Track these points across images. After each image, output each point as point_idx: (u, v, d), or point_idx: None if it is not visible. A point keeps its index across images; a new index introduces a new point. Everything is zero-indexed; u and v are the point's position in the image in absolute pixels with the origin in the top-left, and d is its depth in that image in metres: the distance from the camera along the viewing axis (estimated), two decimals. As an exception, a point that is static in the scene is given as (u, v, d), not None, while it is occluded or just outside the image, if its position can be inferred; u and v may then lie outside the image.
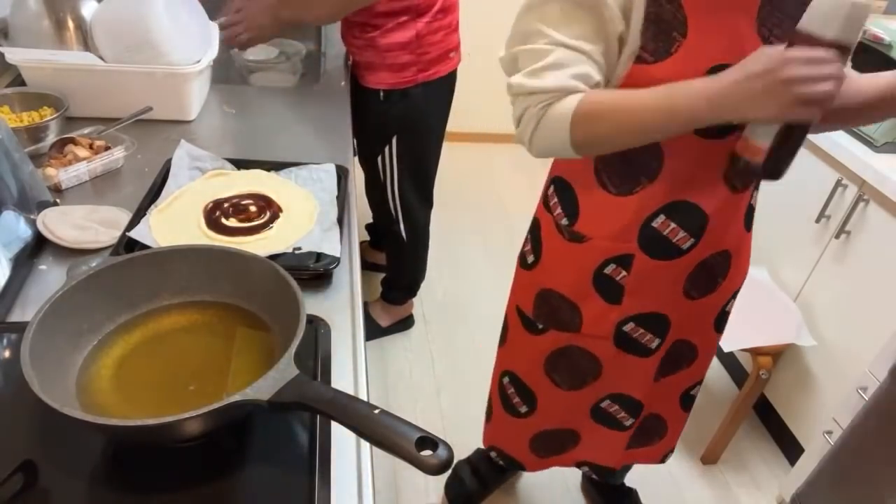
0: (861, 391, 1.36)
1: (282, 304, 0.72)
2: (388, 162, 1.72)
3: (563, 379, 1.19)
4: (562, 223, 1.05)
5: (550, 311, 1.12)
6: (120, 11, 1.24)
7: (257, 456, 0.67)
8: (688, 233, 0.99)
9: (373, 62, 1.57)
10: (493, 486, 1.69)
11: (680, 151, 0.91)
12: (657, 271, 1.02)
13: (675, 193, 0.95)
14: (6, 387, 0.73)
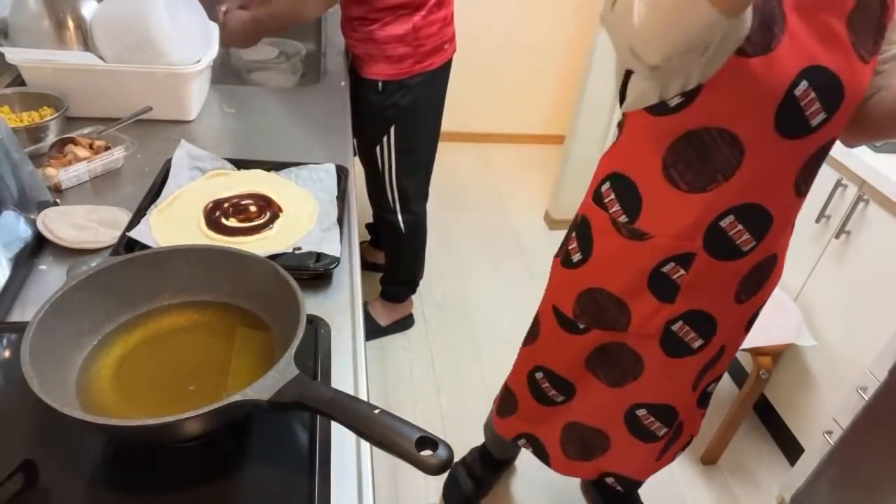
0: (861, 391, 1.36)
1: (282, 304, 0.72)
2: (386, 152, 1.76)
3: (604, 374, 1.17)
4: (620, 220, 1.02)
5: (596, 311, 1.10)
6: (120, 11, 1.24)
7: (257, 456, 0.67)
8: (752, 235, 0.97)
9: (371, 54, 1.61)
10: (490, 485, 1.69)
11: (761, 150, 0.89)
12: (715, 271, 1.00)
13: (747, 194, 0.93)
14: (6, 387, 0.73)
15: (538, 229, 2.79)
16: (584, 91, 2.48)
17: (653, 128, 0.94)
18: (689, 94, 0.87)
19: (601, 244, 1.07)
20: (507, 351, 2.10)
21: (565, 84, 3.23)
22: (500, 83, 3.20)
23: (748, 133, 0.88)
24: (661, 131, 0.93)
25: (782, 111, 0.85)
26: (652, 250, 1.01)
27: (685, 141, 0.91)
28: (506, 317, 2.29)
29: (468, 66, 1.75)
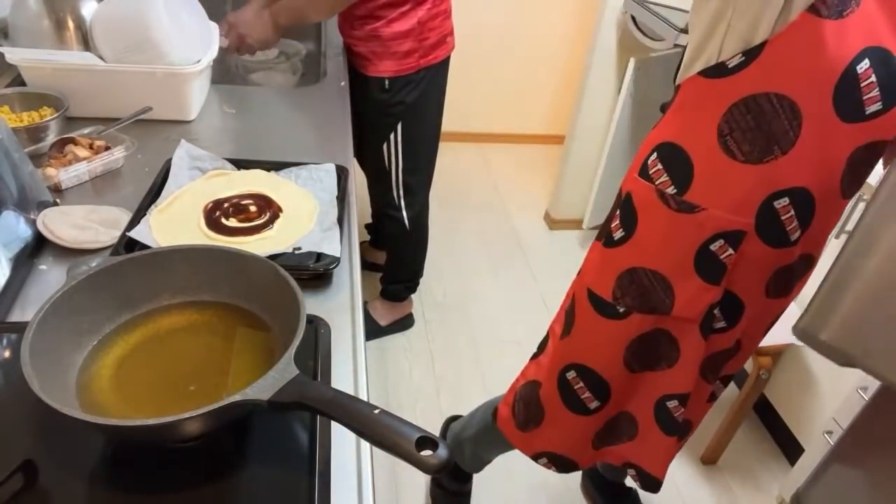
0: (861, 391, 1.36)
1: (282, 304, 0.72)
2: (393, 148, 1.76)
3: (639, 364, 1.10)
4: (668, 192, 0.96)
5: (639, 292, 1.02)
6: (120, 11, 1.24)
7: (257, 456, 0.67)
8: (799, 223, 0.92)
9: (376, 52, 1.60)
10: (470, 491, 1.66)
11: (818, 127, 0.84)
12: (759, 256, 0.96)
13: (802, 176, 0.88)
14: (6, 387, 0.73)
15: (538, 229, 2.79)
16: (584, 91, 2.48)
17: (709, 92, 0.89)
18: (751, 53, 0.83)
19: (646, 219, 0.99)
20: (507, 351, 2.11)
21: (565, 84, 3.23)
22: (500, 83, 3.20)
23: (808, 104, 0.83)
24: (719, 95, 0.88)
25: (841, 86, 0.80)
26: (701, 224, 0.94)
27: (743, 107, 0.86)
28: (506, 317, 2.29)
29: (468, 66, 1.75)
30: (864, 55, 0.79)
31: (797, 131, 0.85)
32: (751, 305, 1.04)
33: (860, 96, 0.81)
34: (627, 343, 1.07)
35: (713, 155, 0.91)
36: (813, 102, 0.83)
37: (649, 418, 1.16)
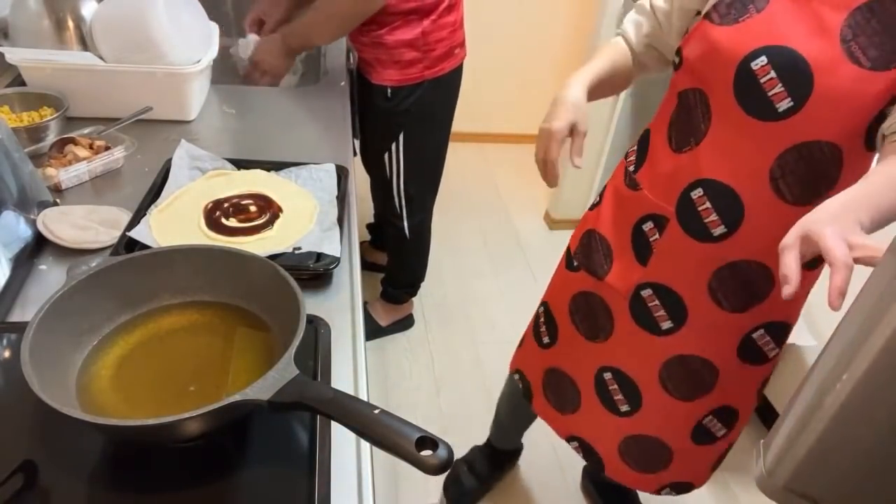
0: (861, 391, 1.36)
1: (282, 304, 0.72)
2: (394, 158, 1.74)
3: (582, 325, 1.20)
4: (629, 169, 1.08)
5: (588, 252, 1.15)
6: (120, 11, 1.24)
7: (257, 456, 0.67)
8: (720, 217, 0.94)
9: (380, 59, 1.58)
10: (491, 482, 1.70)
11: (726, 121, 0.90)
12: (684, 247, 0.99)
13: (715, 168, 0.92)
14: (6, 387, 0.73)
15: (538, 229, 2.79)
16: (584, 91, 2.48)
17: (670, 85, 1.01)
18: (678, 54, 0.95)
19: (609, 189, 1.14)
20: (507, 351, 2.10)
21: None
22: (500, 83, 3.20)
23: (715, 99, 0.90)
24: (672, 89, 1.00)
25: (739, 82, 0.87)
26: (639, 203, 1.04)
27: (678, 99, 0.97)
28: (506, 317, 2.28)
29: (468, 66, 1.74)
30: (760, 53, 0.84)
31: (708, 124, 0.92)
32: (695, 306, 1.03)
33: (763, 93, 0.85)
34: (573, 294, 1.20)
35: (660, 142, 1.02)
36: (719, 97, 0.90)
37: (590, 390, 1.23)
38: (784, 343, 1.08)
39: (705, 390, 1.11)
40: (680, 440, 1.18)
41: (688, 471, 1.25)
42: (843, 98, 0.82)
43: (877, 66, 0.80)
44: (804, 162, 0.88)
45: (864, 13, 0.80)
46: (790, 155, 0.88)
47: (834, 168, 0.88)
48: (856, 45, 0.80)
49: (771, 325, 1.04)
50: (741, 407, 1.15)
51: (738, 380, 1.11)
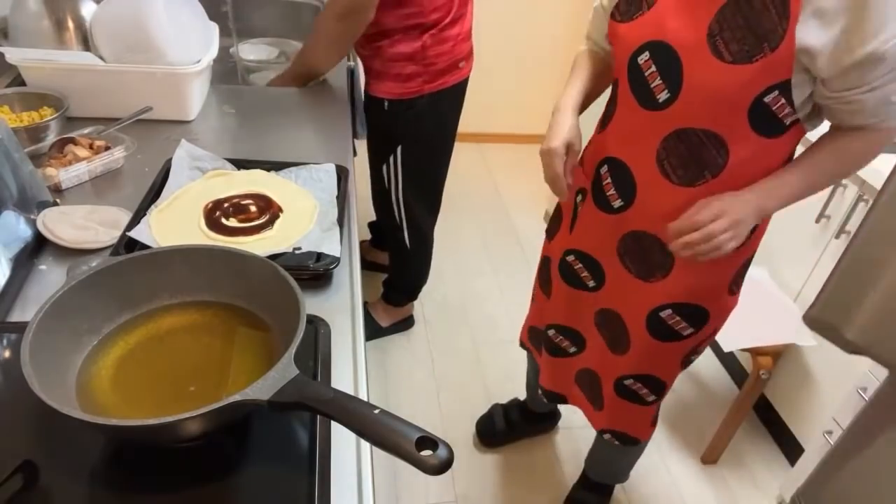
0: (861, 391, 1.36)
1: (282, 304, 0.72)
2: (392, 170, 1.71)
3: (539, 280, 1.40)
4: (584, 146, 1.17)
5: (552, 219, 1.31)
6: (120, 11, 1.24)
7: (257, 456, 0.67)
8: (618, 192, 1.07)
9: (379, 71, 1.55)
10: (522, 432, 1.82)
11: (625, 109, 1.01)
12: (596, 217, 1.13)
13: (616, 148, 1.05)
14: (6, 387, 0.73)
15: (538, 229, 2.79)
16: (584, 91, 2.48)
17: None
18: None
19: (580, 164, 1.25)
20: (507, 351, 2.11)
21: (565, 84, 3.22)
22: (499, 83, 3.20)
23: (619, 88, 1.01)
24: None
25: (630, 75, 0.97)
26: (578, 176, 1.15)
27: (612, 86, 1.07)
28: (505, 317, 2.28)
29: (468, 67, 1.75)
30: (644, 48, 0.93)
31: (614, 108, 1.04)
32: (609, 268, 1.16)
33: (647, 84, 0.95)
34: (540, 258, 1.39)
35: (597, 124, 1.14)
36: (622, 86, 1.00)
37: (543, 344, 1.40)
38: (704, 325, 1.13)
39: (623, 350, 1.21)
40: (608, 387, 1.29)
41: (625, 423, 1.35)
42: (709, 90, 0.90)
43: (738, 60, 0.86)
44: (684, 147, 0.96)
45: (732, 8, 0.86)
46: (671, 140, 0.97)
47: (717, 153, 0.95)
48: (721, 39, 0.87)
49: (679, 307, 1.11)
50: (663, 376, 1.24)
51: (652, 351, 1.18)
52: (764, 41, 0.84)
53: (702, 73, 0.89)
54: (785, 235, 1.81)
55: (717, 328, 1.19)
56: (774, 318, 1.67)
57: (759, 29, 0.83)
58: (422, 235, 1.91)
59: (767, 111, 0.89)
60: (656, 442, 1.88)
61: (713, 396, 2.05)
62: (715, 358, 2.21)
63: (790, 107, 0.89)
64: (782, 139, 0.93)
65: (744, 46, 0.85)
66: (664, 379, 1.23)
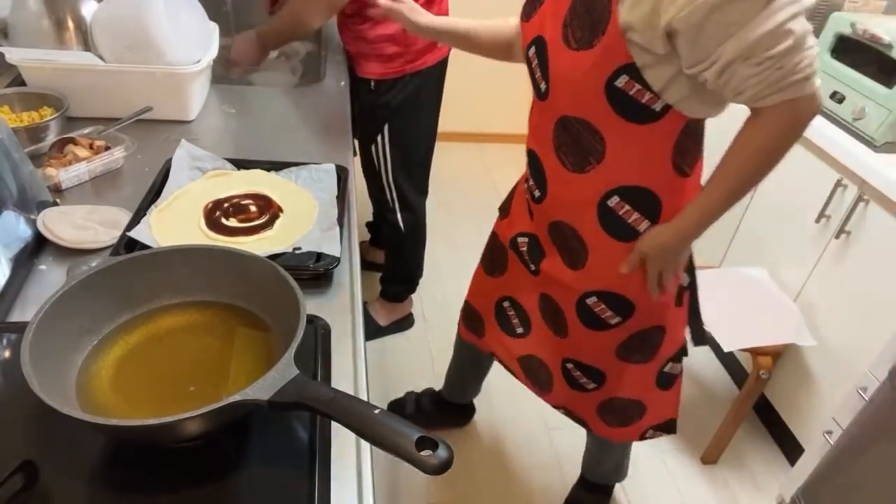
0: (861, 391, 1.36)
1: (282, 304, 0.72)
2: (381, 149, 1.76)
3: (485, 264, 1.42)
4: None
5: (505, 200, 1.36)
6: (120, 11, 1.24)
7: (257, 456, 0.67)
8: (536, 183, 1.12)
9: (363, 53, 1.62)
10: (430, 421, 1.79)
11: (535, 102, 1.06)
12: (531, 207, 1.17)
13: (532, 139, 1.10)
14: (6, 387, 0.73)
15: (538, 229, 2.79)
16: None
17: None
18: None
19: None
20: (507, 351, 2.10)
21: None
22: (498, 83, 3.19)
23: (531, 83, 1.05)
24: None
25: (528, 68, 1.03)
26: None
27: None
28: (506, 317, 2.28)
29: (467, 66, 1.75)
30: (531, 43, 0.99)
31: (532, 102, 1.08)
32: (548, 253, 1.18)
33: (535, 77, 1.02)
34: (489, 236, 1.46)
35: None
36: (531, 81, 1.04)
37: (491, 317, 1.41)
38: (631, 316, 1.13)
39: (562, 333, 1.22)
40: (556, 368, 1.30)
41: (573, 405, 1.36)
42: (566, 78, 0.95)
43: (581, 46, 0.90)
44: (567, 134, 1.00)
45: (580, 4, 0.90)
46: (559, 129, 1.01)
47: (594, 139, 0.98)
48: (570, 29, 0.91)
49: (602, 294, 1.12)
50: (601, 366, 1.23)
51: (586, 339, 1.19)
52: (598, 25, 0.87)
53: (558, 62, 0.94)
54: (785, 235, 1.81)
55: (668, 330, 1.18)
56: (774, 318, 1.67)
57: (595, 14, 0.87)
58: (414, 216, 1.94)
59: (624, 96, 0.90)
60: (656, 442, 1.88)
61: (713, 396, 2.05)
62: (715, 358, 2.21)
63: (650, 91, 0.89)
64: (659, 125, 0.93)
65: (585, 33, 0.89)
66: (602, 369, 1.23)
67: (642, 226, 1.03)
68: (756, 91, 0.83)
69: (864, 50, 1.62)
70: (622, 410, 1.31)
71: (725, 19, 0.79)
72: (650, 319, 1.15)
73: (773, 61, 0.80)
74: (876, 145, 1.55)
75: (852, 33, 1.65)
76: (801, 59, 0.80)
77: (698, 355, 2.21)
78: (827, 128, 1.65)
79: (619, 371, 1.23)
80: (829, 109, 1.69)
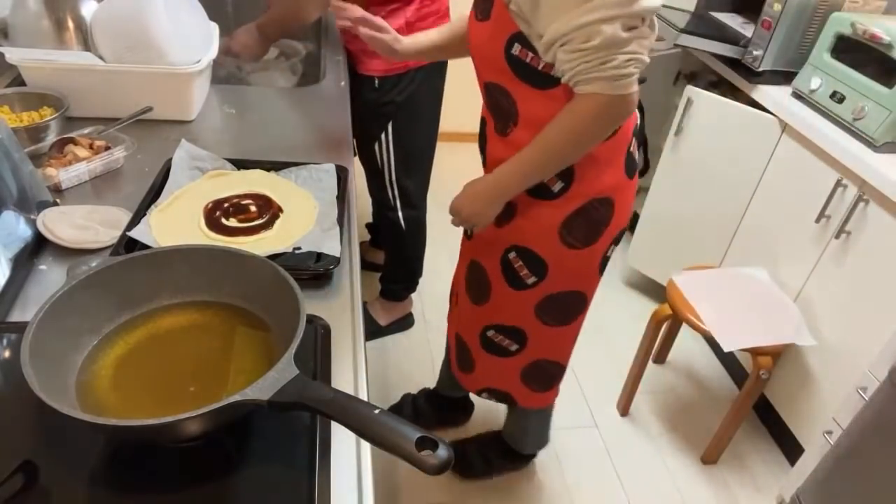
0: (861, 391, 1.36)
1: (282, 304, 0.72)
2: (384, 147, 1.76)
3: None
4: None
5: None
6: (120, 11, 1.24)
7: (257, 456, 0.67)
8: (480, 146, 1.21)
9: (366, 50, 1.59)
10: (430, 423, 1.82)
11: None
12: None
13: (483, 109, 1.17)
14: (6, 387, 0.73)
15: (538, 229, 2.78)
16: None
17: None
18: None
19: None
20: (507, 351, 2.10)
21: (565, 84, 3.21)
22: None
23: None
24: None
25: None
26: None
27: None
28: (506, 317, 2.28)
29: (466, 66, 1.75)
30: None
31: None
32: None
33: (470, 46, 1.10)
34: None
35: None
36: None
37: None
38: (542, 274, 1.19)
39: (484, 299, 1.29)
40: (474, 342, 1.36)
41: (496, 379, 1.41)
42: (478, 47, 1.05)
43: (483, 17, 1.01)
44: (491, 99, 1.09)
45: None
46: (486, 93, 1.10)
47: (509, 104, 1.05)
48: (479, 2, 1.02)
49: (520, 250, 1.19)
50: (523, 326, 1.29)
51: (507, 299, 1.25)
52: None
53: (473, 34, 1.06)
54: (785, 235, 1.81)
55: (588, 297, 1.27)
56: (774, 318, 1.67)
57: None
58: (416, 216, 1.94)
59: (522, 63, 0.98)
60: (656, 442, 1.88)
61: (713, 396, 2.05)
62: (715, 358, 2.21)
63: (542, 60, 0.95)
64: (559, 90, 0.98)
65: (486, 4, 0.99)
66: (523, 328, 1.29)
67: (555, 185, 1.09)
68: (569, 76, 0.92)
69: (864, 50, 1.62)
70: (545, 374, 1.37)
71: (552, 2, 0.88)
72: (566, 284, 1.22)
73: (582, 54, 0.88)
74: (876, 145, 1.55)
75: (852, 33, 1.65)
76: (611, 60, 0.88)
77: (698, 355, 2.21)
78: (827, 128, 1.65)
79: (539, 332, 1.29)
80: (829, 109, 1.69)
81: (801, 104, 1.78)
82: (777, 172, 1.85)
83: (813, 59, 1.77)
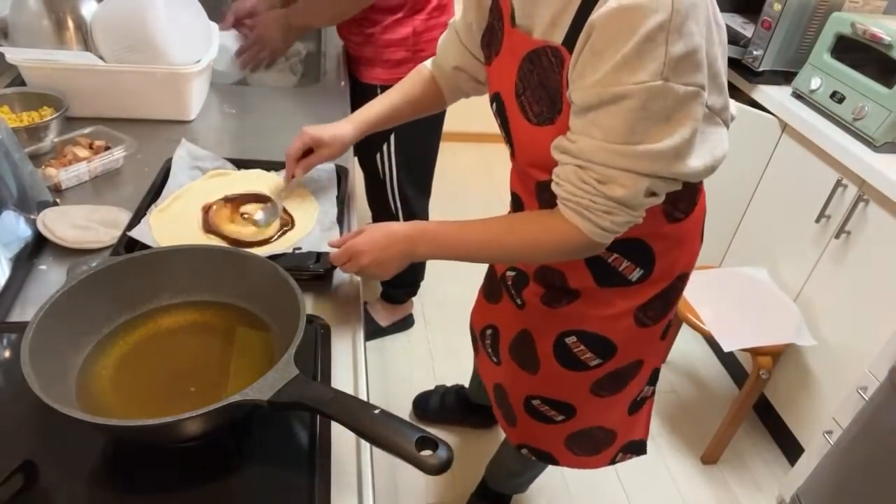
0: (861, 391, 1.36)
1: (282, 304, 0.72)
2: (386, 158, 1.74)
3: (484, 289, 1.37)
4: None
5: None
6: (120, 11, 1.24)
7: (257, 456, 0.67)
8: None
9: (370, 58, 1.59)
10: (454, 416, 1.83)
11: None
12: None
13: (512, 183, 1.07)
14: (6, 387, 0.73)
15: (538, 229, 2.78)
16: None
17: None
18: None
19: None
20: (507, 351, 2.10)
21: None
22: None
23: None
24: None
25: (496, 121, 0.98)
26: None
27: None
28: (506, 317, 2.28)
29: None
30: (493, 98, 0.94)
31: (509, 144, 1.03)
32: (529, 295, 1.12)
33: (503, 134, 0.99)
34: None
35: None
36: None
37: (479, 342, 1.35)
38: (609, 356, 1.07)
39: (532, 370, 1.15)
40: (517, 403, 1.23)
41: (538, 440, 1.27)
42: (531, 151, 0.90)
43: (542, 122, 0.84)
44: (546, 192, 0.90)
45: (528, 64, 0.82)
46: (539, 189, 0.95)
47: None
48: (525, 99, 0.85)
49: (582, 335, 1.06)
50: (573, 402, 1.16)
51: (561, 378, 1.12)
52: (555, 103, 0.80)
53: (520, 133, 0.90)
54: (785, 235, 1.81)
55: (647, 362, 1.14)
56: (774, 318, 1.67)
57: (550, 90, 0.80)
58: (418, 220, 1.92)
59: None
60: (656, 442, 1.88)
61: (713, 396, 2.05)
62: (715, 358, 2.21)
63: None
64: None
65: (544, 109, 0.83)
66: (574, 404, 1.16)
67: (634, 274, 0.98)
68: (563, 195, 0.81)
69: (864, 50, 1.62)
70: (592, 440, 1.24)
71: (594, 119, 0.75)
72: (631, 356, 1.10)
73: (591, 190, 0.78)
74: (876, 145, 1.55)
75: (852, 33, 1.65)
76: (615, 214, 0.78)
77: (698, 355, 2.21)
78: (827, 128, 1.65)
79: (590, 404, 1.17)
80: (829, 109, 1.69)
81: (801, 104, 1.78)
82: (777, 172, 1.85)
83: (813, 59, 1.77)
